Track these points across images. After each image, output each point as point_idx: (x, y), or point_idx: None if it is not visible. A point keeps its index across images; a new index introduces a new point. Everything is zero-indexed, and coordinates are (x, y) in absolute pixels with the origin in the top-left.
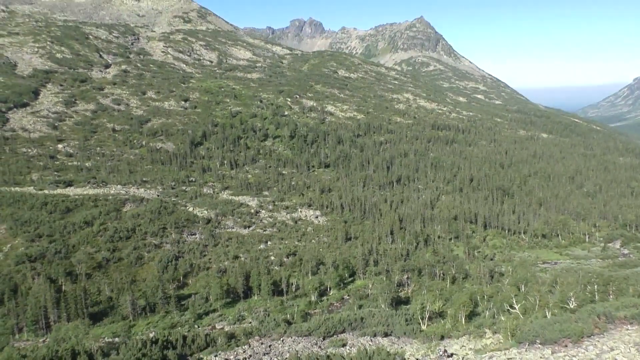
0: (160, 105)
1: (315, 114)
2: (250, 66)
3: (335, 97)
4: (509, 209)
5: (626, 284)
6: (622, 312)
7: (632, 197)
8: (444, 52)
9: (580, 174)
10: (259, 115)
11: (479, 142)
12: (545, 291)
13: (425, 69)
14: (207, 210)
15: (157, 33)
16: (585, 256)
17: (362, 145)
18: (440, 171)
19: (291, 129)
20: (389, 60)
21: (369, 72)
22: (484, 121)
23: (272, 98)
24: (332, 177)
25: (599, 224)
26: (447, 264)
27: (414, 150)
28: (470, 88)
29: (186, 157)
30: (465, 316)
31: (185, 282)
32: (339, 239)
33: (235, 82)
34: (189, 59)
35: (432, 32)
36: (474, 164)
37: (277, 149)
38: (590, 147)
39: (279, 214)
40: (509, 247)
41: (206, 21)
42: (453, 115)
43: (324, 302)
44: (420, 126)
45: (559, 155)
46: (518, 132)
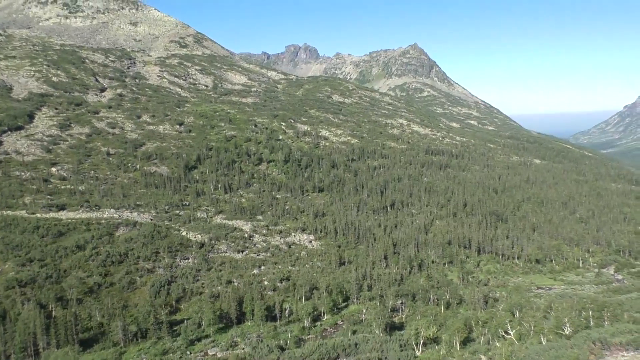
0: (155, 129)
1: (309, 138)
2: (245, 91)
3: (330, 122)
4: (502, 234)
5: (621, 310)
6: (617, 338)
7: (624, 223)
8: (438, 78)
9: (573, 200)
10: (253, 140)
11: (473, 167)
12: (540, 317)
13: (419, 94)
14: (200, 234)
15: (153, 57)
16: (580, 282)
17: (356, 169)
18: (434, 196)
19: (285, 153)
20: (383, 86)
21: (363, 98)
22: (477, 147)
23: (267, 122)
24: (326, 201)
25: (593, 249)
26: (442, 289)
27: (408, 175)
28: (463, 114)
29: (180, 180)
30: (460, 342)
31: (178, 307)
32: (333, 264)
33: (230, 106)
34: (184, 83)
35: (425, 59)
36: (468, 189)
37: (271, 173)
38: (583, 173)
39: (273, 238)
40: (503, 272)
41: (202, 46)
42: (446, 140)
43: (317, 327)
44: (414, 151)
45: (551, 181)
46: (511, 157)
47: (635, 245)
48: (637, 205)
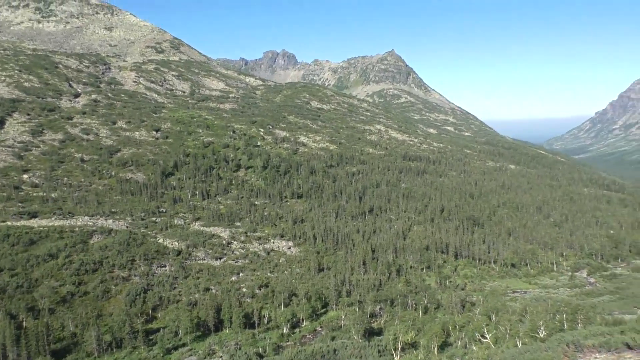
0: (131, 135)
1: (288, 144)
2: (223, 97)
3: (308, 128)
4: (479, 239)
5: (593, 313)
6: (590, 340)
7: (596, 227)
8: (415, 84)
9: (547, 204)
10: (231, 146)
11: (450, 173)
12: (515, 320)
13: (396, 101)
14: (177, 241)
15: (129, 63)
16: (554, 285)
17: (334, 175)
18: (411, 201)
19: (264, 160)
20: (361, 92)
21: (341, 104)
22: (454, 152)
23: (245, 128)
24: (304, 207)
25: (566, 253)
26: (420, 294)
27: (386, 181)
28: (440, 120)
29: (157, 187)
30: (437, 346)
31: (154, 316)
32: (312, 270)
33: (207, 112)
34: (161, 89)
35: (403, 65)
36: (445, 194)
37: (250, 179)
38: (556, 178)
39: (251, 245)
40: (479, 276)
41: (179, 52)
42: (424, 146)
43: (296, 334)
44: (392, 157)
45: (526, 186)
46: (487, 163)
47: (607, 249)
48: (609, 209)
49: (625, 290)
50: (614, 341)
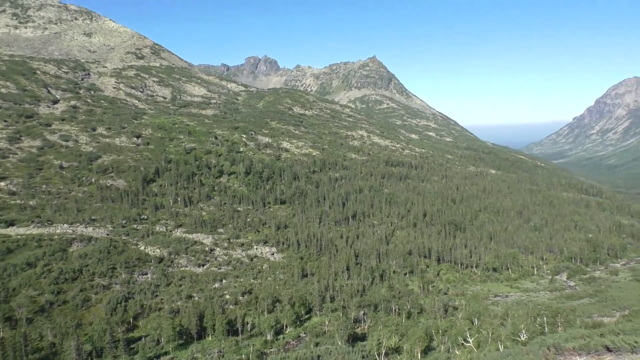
0: (111, 141)
1: (270, 150)
2: (204, 103)
3: (291, 134)
4: (461, 244)
5: (573, 316)
6: (570, 343)
7: (575, 231)
8: (396, 90)
9: (527, 209)
10: (213, 152)
11: (432, 178)
12: (497, 324)
13: (378, 106)
14: (159, 248)
15: (109, 69)
16: (534, 289)
17: (317, 181)
18: (394, 206)
19: (246, 166)
20: (343, 98)
21: (323, 110)
22: (435, 158)
23: (227, 134)
24: (288, 213)
25: (546, 257)
26: (403, 298)
27: (369, 186)
28: (422, 126)
29: (138, 194)
30: (421, 351)
31: (135, 324)
32: (295, 276)
33: (189, 118)
34: (141, 95)
35: (384, 71)
36: (427, 199)
37: (232, 185)
38: (536, 182)
39: (234, 251)
40: (462, 281)
41: (160, 57)
42: (406, 151)
43: (280, 340)
44: (374, 162)
45: (507, 191)
46: (468, 168)
47: (586, 253)
48: (587, 213)
49: (604, 293)
50: (594, 344)
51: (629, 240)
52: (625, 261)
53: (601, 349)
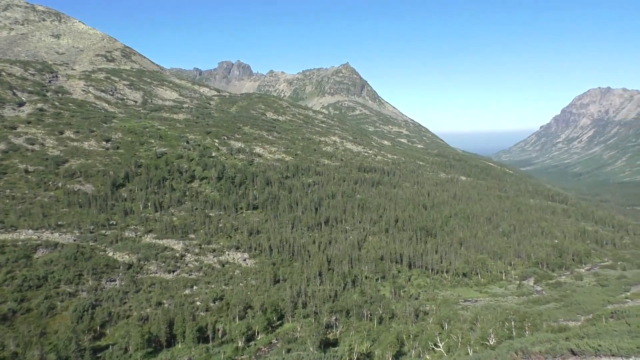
0: (80, 145)
1: (243, 155)
2: (176, 107)
3: (264, 139)
4: (432, 249)
5: (540, 320)
6: (537, 347)
7: (542, 237)
8: (369, 97)
9: (496, 215)
10: (185, 156)
11: (403, 184)
12: (467, 329)
13: (351, 113)
14: (128, 254)
15: (78, 71)
16: (503, 293)
17: (290, 186)
18: (366, 212)
19: (219, 171)
20: (317, 104)
21: (297, 115)
22: (407, 164)
23: (199, 139)
24: (260, 218)
25: (514, 262)
26: (375, 304)
27: (342, 192)
28: (394, 132)
29: (107, 199)
30: (392, 356)
31: (103, 332)
32: (268, 282)
33: (160, 122)
34: (111, 99)
35: (357, 78)
36: (399, 205)
37: (204, 190)
38: (505, 189)
39: (206, 257)
40: (432, 286)
41: (130, 60)
42: (378, 158)
43: (251, 347)
44: (347, 168)
45: (476, 197)
46: (439, 174)
47: (552, 258)
48: (553, 219)
49: (569, 298)
50: (560, 347)
51: (593, 246)
52: (590, 266)
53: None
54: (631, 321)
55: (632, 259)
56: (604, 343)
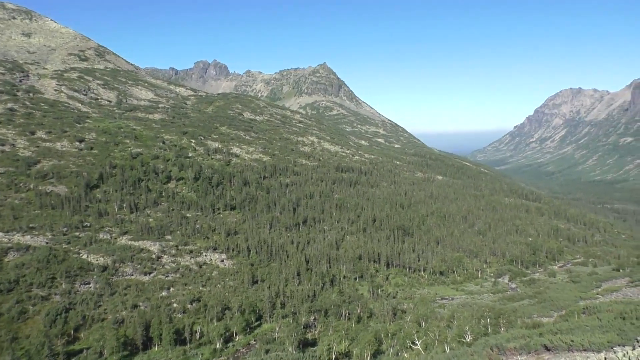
0: (52, 146)
1: (220, 155)
2: (152, 107)
3: (241, 139)
4: (409, 248)
5: (515, 316)
6: (512, 343)
7: (516, 235)
8: (346, 97)
9: (472, 214)
10: (161, 157)
11: (381, 184)
12: (444, 326)
13: (328, 113)
14: (103, 257)
15: (50, 71)
16: (479, 291)
17: (268, 187)
18: (344, 212)
19: (195, 171)
20: (294, 104)
21: (274, 115)
22: (384, 164)
23: (176, 139)
24: (238, 219)
25: (490, 260)
26: (353, 303)
27: (319, 192)
28: (371, 132)
29: (80, 200)
30: (370, 355)
31: (77, 336)
32: (246, 283)
33: (135, 122)
34: (85, 98)
35: (334, 78)
36: (376, 204)
37: (181, 191)
38: (480, 188)
39: (183, 258)
40: (410, 284)
41: (104, 60)
42: (356, 157)
43: (229, 348)
44: (325, 168)
45: (452, 196)
46: (416, 174)
47: (526, 256)
48: (527, 217)
49: (542, 295)
50: (534, 343)
51: (566, 243)
52: (562, 263)
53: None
54: (602, 316)
55: (603, 256)
56: (576, 338)
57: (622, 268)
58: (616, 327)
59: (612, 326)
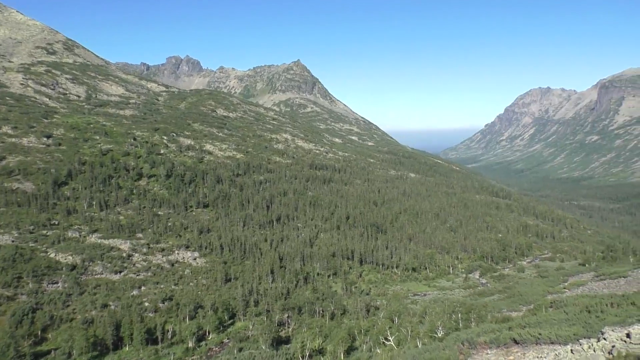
0: (18, 141)
1: (193, 152)
2: (122, 102)
3: (214, 136)
4: (382, 245)
5: (485, 311)
6: (482, 337)
7: (487, 231)
8: (320, 94)
9: (443, 211)
10: (132, 154)
11: (354, 181)
12: (416, 322)
13: (302, 110)
14: (72, 255)
15: (16, 64)
16: (450, 287)
17: (241, 184)
18: (318, 209)
19: (167, 168)
20: (268, 101)
21: (247, 112)
22: (358, 161)
23: (147, 136)
24: (211, 217)
25: (461, 256)
26: (326, 300)
27: (293, 190)
28: (345, 130)
29: (48, 198)
30: (343, 351)
31: (44, 337)
32: (219, 281)
33: (105, 118)
34: (52, 93)
35: (308, 76)
36: (350, 202)
37: (153, 188)
38: (452, 186)
39: (154, 257)
40: (383, 281)
41: (73, 54)
42: (330, 155)
43: (202, 347)
44: (298, 166)
45: (425, 194)
46: (389, 171)
47: (496, 252)
48: (497, 214)
49: (512, 289)
50: (503, 337)
51: (534, 239)
52: (531, 259)
53: (509, 342)
54: (568, 310)
55: (570, 251)
56: (543, 331)
57: (588, 263)
58: (582, 320)
59: (578, 319)
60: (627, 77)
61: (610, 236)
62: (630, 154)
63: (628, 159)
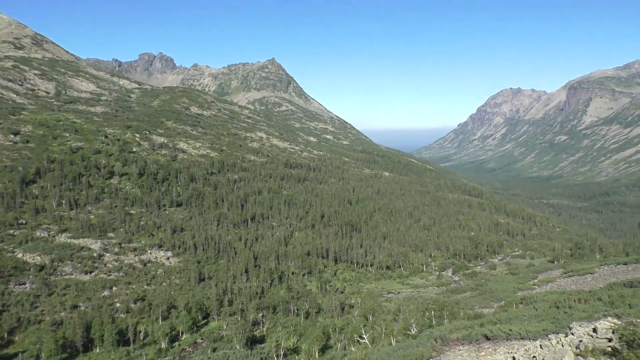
0: None
1: (166, 150)
2: (93, 99)
3: (188, 134)
4: (357, 243)
5: (457, 308)
6: (455, 334)
7: (459, 229)
8: (295, 93)
9: (417, 209)
10: (103, 152)
11: (329, 180)
12: (390, 320)
13: (277, 109)
14: (40, 255)
15: None
16: (423, 284)
17: (215, 183)
18: (293, 208)
19: (140, 166)
20: (242, 99)
21: (222, 110)
22: (333, 160)
23: (119, 134)
24: (184, 216)
25: (434, 254)
26: (301, 299)
27: (268, 188)
28: (320, 129)
29: (15, 196)
30: (318, 350)
31: (11, 340)
32: (192, 280)
33: (76, 115)
34: (20, 89)
35: (283, 74)
36: (325, 201)
37: (125, 187)
38: (425, 184)
39: (126, 256)
40: (357, 279)
41: (42, 49)
42: (305, 154)
43: (175, 348)
44: (273, 164)
45: (399, 192)
46: (363, 170)
47: (469, 249)
48: (470, 212)
49: (483, 287)
50: (475, 333)
51: (505, 237)
52: (502, 256)
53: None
54: (538, 306)
55: (539, 249)
56: (514, 327)
57: (557, 260)
58: (551, 316)
59: (547, 315)
60: (594, 79)
61: (578, 234)
62: (597, 153)
63: (595, 159)
